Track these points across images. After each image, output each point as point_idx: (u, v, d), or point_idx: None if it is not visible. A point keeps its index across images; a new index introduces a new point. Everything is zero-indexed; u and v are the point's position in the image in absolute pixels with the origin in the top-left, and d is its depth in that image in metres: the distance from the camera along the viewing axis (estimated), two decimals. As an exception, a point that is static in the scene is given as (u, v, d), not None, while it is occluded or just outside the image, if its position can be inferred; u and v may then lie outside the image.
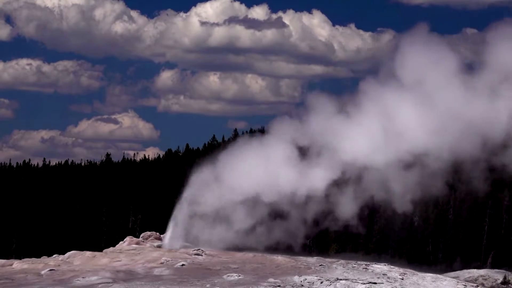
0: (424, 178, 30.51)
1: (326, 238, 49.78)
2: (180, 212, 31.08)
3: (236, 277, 24.60)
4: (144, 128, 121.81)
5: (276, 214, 31.45)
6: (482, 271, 31.72)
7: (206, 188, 31.16)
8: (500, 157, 29.83)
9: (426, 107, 30.08)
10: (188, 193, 31.45)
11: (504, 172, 30.61)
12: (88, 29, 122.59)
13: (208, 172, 31.40)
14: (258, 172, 30.96)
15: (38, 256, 30.58)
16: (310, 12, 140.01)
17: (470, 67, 31.37)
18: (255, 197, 30.81)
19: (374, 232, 51.98)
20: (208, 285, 23.48)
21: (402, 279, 25.95)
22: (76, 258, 28.26)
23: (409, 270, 27.96)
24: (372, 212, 48.82)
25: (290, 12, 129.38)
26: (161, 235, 31.71)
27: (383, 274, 26.31)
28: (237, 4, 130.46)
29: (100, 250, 30.32)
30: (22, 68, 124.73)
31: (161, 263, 26.87)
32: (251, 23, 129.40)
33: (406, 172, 30.55)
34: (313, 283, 24.38)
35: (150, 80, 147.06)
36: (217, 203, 30.92)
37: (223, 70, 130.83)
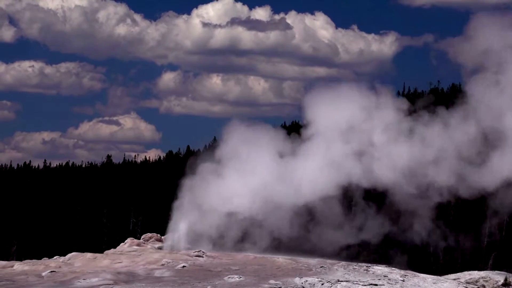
0: None
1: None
2: (182, 213, 31.14)
3: (237, 279, 24.62)
4: (146, 130, 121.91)
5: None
6: (483, 273, 31.67)
7: None
8: None
9: None
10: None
11: None
12: (91, 31, 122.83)
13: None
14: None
15: (39, 258, 30.58)
16: (312, 13, 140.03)
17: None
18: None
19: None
20: (209, 287, 23.50)
21: (403, 281, 25.97)
22: (77, 260, 28.27)
23: (410, 271, 27.98)
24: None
25: (293, 13, 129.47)
26: (162, 237, 31.72)
27: (384, 276, 26.33)
28: (239, 5, 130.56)
29: (101, 251, 30.32)
30: (25, 70, 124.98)
31: (162, 264, 26.88)
32: (253, 25, 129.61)
33: None
34: (314, 284, 24.40)
35: (152, 82, 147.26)
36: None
37: (225, 71, 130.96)
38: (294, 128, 39.80)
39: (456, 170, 31.04)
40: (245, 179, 31.19)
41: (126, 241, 31.36)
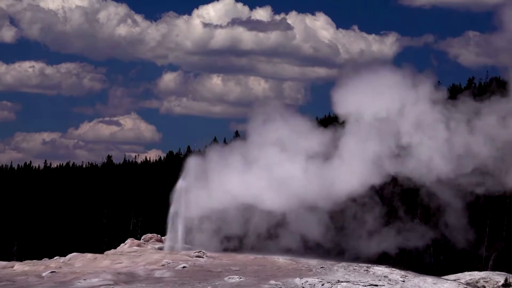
0: None
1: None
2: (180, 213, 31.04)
3: (237, 279, 24.62)
4: (146, 130, 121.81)
5: None
6: (483, 273, 31.65)
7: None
8: None
9: None
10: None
11: None
12: (92, 31, 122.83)
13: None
14: None
15: (39, 258, 30.60)
16: (313, 14, 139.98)
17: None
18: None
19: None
20: (209, 287, 23.50)
21: (403, 281, 25.95)
22: (77, 260, 28.28)
23: (410, 272, 27.95)
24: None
25: (293, 13, 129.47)
26: (162, 237, 31.71)
27: (384, 276, 26.31)
28: (239, 5, 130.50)
29: (101, 252, 30.33)
30: (25, 70, 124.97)
31: (162, 265, 26.88)
32: (254, 25, 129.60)
33: None
34: (314, 285, 24.38)
35: (152, 82, 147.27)
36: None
37: (226, 72, 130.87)
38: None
39: (496, 168, 29.66)
40: (274, 175, 29.89)
41: (126, 241, 31.38)
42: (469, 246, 34.41)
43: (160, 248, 30.54)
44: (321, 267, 27.09)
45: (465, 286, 27.72)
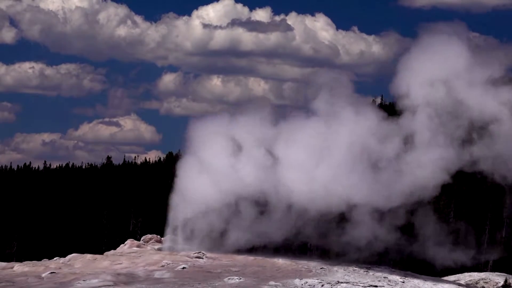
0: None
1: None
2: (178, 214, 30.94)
3: (237, 280, 24.63)
4: (146, 131, 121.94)
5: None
6: (483, 274, 31.78)
7: None
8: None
9: None
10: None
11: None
12: (92, 32, 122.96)
13: None
14: None
15: (39, 259, 30.58)
16: (313, 15, 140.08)
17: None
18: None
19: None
20: (209, 288, 23.51)
21: (403, 282, 25.96)
22: (77, 261, 28.27)
23: (410, 273, 27.95)
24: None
25: (293, 14, 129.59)
26: (162, 238, 31.71)
27: (384, 277, 26.31)
28: (239, 6, 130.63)
29: (101, 253, 30.32)
30: (25, 71, 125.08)
31: (162, 266, 26.88)
32: (253, 26, 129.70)
33: None
34: (314, 286, 24.38)
35: (152, 83, 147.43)
36: None
37: (225, 73, 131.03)
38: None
39: None
40: (333, 173, 27.21)
41: (126, 242, 31.38)
42: None
43: (160, 249, 30.54)
44: (321, 268, 27.09)
45: (465, 287, 27.74)
